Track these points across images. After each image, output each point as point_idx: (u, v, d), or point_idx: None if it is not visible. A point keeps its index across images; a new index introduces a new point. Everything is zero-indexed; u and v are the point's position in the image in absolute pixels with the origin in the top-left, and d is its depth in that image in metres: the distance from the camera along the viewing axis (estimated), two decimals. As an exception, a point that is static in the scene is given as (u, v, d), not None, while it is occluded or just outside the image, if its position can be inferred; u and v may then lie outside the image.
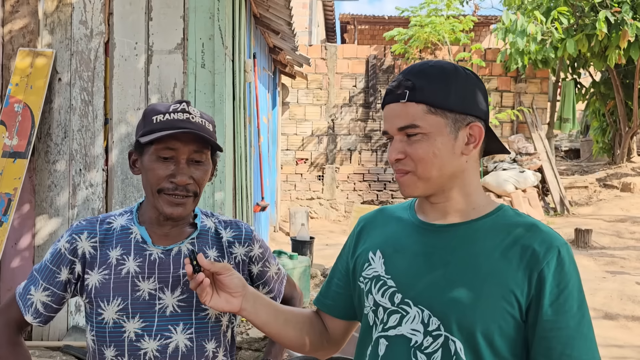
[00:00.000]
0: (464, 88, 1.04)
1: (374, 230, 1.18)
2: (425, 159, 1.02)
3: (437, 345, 1.01)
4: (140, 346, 1.26)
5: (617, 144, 11.54)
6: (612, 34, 8.94)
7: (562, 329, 0.96)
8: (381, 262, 1.11)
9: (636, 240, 7.35)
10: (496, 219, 1.05)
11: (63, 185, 3.60)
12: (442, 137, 1.02)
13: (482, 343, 0.98)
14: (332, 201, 10.45)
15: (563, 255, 0.99)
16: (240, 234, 1.41)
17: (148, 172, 1.27)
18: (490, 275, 0.99)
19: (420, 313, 1.03)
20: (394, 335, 1.05)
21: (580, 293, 0.99)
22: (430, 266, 1.04)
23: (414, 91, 1.02)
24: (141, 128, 1.29)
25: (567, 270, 0.98)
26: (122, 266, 1.29)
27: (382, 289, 1.09)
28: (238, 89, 4.10)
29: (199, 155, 1.29)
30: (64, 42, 3.62)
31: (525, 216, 1.07)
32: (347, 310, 1.21)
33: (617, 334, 4.49)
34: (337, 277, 1.24)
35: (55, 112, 3.61)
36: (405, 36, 10.04)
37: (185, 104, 1.30)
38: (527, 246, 1.00)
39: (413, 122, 1.02)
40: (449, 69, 1.05)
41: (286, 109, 10.33)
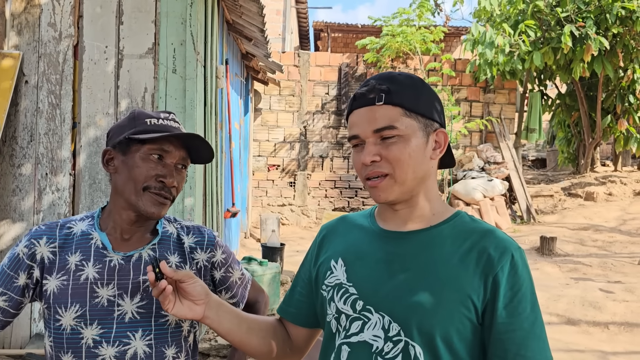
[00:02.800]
0: (430, 97, 1.09)
1: (336, 239, 1.20)
2: (402, 160, 1.04)
3: (398, 351, 1.03)
4: (98, 352, 1.25)
5: (581, 154, 11.87)
6: (576, 48, 9.22)
7: (516, 331, 0.99)
8: (343, 270, 1.12)
9: (598, 248, 7.56)
10: (454, 226, 1.09)
11: (28, 189, 3.54)
12: (416, 139, 1.05)
13: (441, 347, 1.01)
14: (304, 208, 10.47)
15: (516, 259, 1.02)
16: (202, 239, 1.41)
17: (134, 169, 1.27)
18: (449, 281, 1.02)
19: (381, 319, 1.05)
20: (356, 341, 1.07)
21: (532, 295, 1.02)
22: (391, 273, 1.06)
23: (390, 94, 1.04)
24: (130, 128, 1.30)
25: (520, 274, 1.02)
26: (81, 272, 1.28)
27: (344, 296, 1.10)
28: (209, 95, 4.10)
29: (184, 161, 1.33)
30: (31, 44, 3.56)
31: (480, 222, 1.11)
32: (310, 318, 1.23)
33: (579, 339, 4.62)
34: (300, 285, 1.25)
35: (21, 114, 3.54)
36: (377, 45, 10.16)
37: (174, 115, 1.34)
38: (483, 251, 1.03)
39: (391, 124, 1.03)
40: (417, 79, 1.10)
41: (258, 115, 10.32)
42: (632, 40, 9.38)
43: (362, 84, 1.10)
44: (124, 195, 1.29)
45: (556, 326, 4.89)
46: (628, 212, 9.08)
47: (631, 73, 9.91)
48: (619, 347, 4.42)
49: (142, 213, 1.28)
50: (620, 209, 9.27)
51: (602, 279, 6.13)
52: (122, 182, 1.29)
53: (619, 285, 5.78)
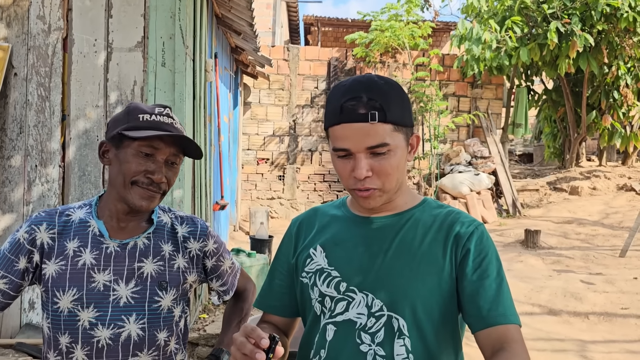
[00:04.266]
0: (409, 104, 1.15)
1: (311, 229, 1.27)
2: (391, 174, 1.11)
3: (380, 325, 1.11)
4: (94, 334, 1.31)
5: (566, 149, 12.03)
6: (562, 44, 9.34)
7: (487, 291, 1.09)
8: (323, 256, 1.19)
9: (581, 241, 7.71)
10: (423, 210, 1.20)
11: (17, 181, 3.57)
12: (402, 151, 1.12)
13: (422, 318, 1.10)
14: (293, 201, 10.53)
15: (482, 230, 1.15)
16: (195, 229, 1.47)
17: (124, 164, 1.32)
18: (424, 257, 1.12)
19: (365, 298, 1.13)
20: (341, 320, 1.14)
21: (498, 261, 1.13)
22: (371, 255, 1.15)
23: (382, 112, 1.07)
24: (123, 122, 1.34)
25: (485, 243, 1.13)
26: (78, 258, 1.33)
27: (326, 280, 1.17)
28: (198, 88, 4.14)
29: (175, 158, 1.37)
30: (20, 36, 3.58)
31: (446, 205, 1.23)
32: (293, 308, 1.28)
33: (560, 328, 4.74)
34: (279, 277, 1.29)
35: (10, 107, 3.57)
36: (366, 40, 10.22)
37: (169, 109, 1.37)
38: (451, 227, 1.15)
39: (384, 141, 1.08)
40: (397, 87, 1.12)
41: (248, 109, 10.35)
42: (617, 37, 9.52)
43: (347, 94, 1.09)
44: (116, 188, 1.35)
45: (538, 316, 5.00)
46: (611, 206, 9.24)
47: (615, 69, 10.05)
48: (598, 337, 4.55)
49: (131, 205, 1.34)
50: (603, 203, 9.44)
51: (584, 271, 6.27)
52: (114, 175, 1.35)
53: (599, 277, 5.91)
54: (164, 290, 1.37)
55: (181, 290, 1.42)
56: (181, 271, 1.42)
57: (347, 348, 1.13)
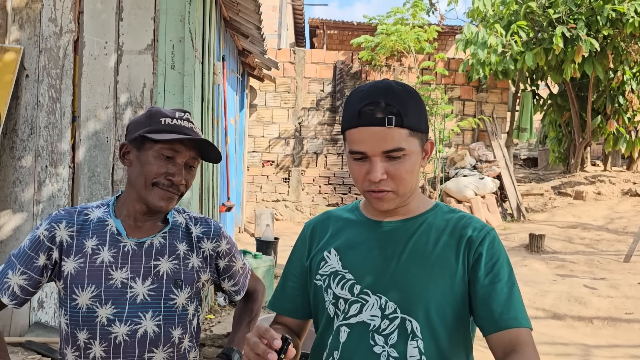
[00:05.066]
0: (423, 110, 1.17)
1: (325, 232, 1.29)
2: (405, 178, 1.14)
3: (394, 327, 1.13)
4: (112, 330, 1.34)
5: (571, 153, 12.02)
6: (568, 49, 9.35)
7: (499, 294, 1.11)
8: (337, 259, 1.21)
9: (586, 246, 7.71)
10: (435, 214, 1.22)
11: (28, 181, 3.61)
12: (417, 156, 1.15)
13: (435, 320, 1.12)
14: (298, 203, 10.56)
15: (493, 235, 1.18)
16: (209, 230, 1.51)
17: (146, 166, 1.36)
18: (438, 260, 1.15)
19: (378, 300, 1.15)
20: (355, 322, 1.16)
21: (509, 266, 1.15)
22: (385, 258, 1.17)
23: (399, 117, 1.09)
24: (145, 125, 1.38)
25: (497, 247, 1.16)
26: (97, 255, 1.37)
27: (340, 282, 1.19)
28: (207, 91, 4.18)
29: (194, 161, 1.41)
30: (32, 38, 3.63)
31: (457, 210, 1.25)
32: (305, 309, 1.31)
33: (564, 332, 4.75)
34: (292, 280, 1.32)
35: (21, 108, 3.62)
36: (372, 43, 10.25)
37: (189, 114, 1.42)
38: (464, 231, 1.17)
39: (399, 146, 1.10)
40: (414, 93, 1.15)
41: (254, 111, 10.40)
42: (622, 42, 9.53)
43: (366, 99, 1.11)
44: (136, 188, 1.39)
45: (542, 320, 5.02)
46: (616, 211, 9.24)
47: (621, 74, 10.06)
48: (601, 341, 4.56)
49: (150, 206, 1.38)
50: (608, 208, 9.43)
51: (588, 276, 6.27)
52: (135, 176, 1.39)
53: (604, 281, 5.92)
54: (179, 288, 1.41)
55: (195, 289, 1.46)
56: (195, 270, 1.45)
57: (360, 349, 1.15)
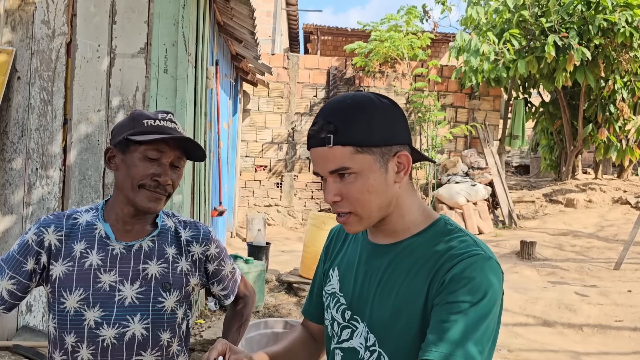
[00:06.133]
0: (384, 120, 1.04)
1: (337, 246, 1.26)
2: (361, 199, 1.03)
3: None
4: (99, 333, 1.34)
5: (563, 161, 12.11)
6: (559, 57, 9.43)
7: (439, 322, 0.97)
8: (337, 280, 1.19)
9: (576, 253, 7.75)
10: (425, 238, 1.08)
11: (18, 183, 3.59)
12: (373, 173, 1.03)
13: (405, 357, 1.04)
14: (290, 208, 10.55)
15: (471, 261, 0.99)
16: (198, 234, 1.51)
17: (132, 168, 1.36)
18: (408, 294, 1.03)
19: (364, 329, 1.11)
20: (347, 347, 1.14)
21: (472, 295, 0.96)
22: (369, 285, 1.11)
23: (337, 135, 1.01)
24: (129, 128, 1.38)
25: (468, 273, 0.98)
26: (85, 259, 1.37)
27: (336, 305, 1.17)
28: (200, 95, 4.18)
29: (179, 161, 1.41)
30: (24, 40, 3.61)
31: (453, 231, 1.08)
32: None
33: (554, 340, 4.76)
34: (317, 287, 1.31)
35: (13, 110, 3.60)
36: (365, 50, 10.30)
37: (171, 115, 1.42)
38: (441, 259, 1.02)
39: (342, 165, 1.02)
40: (367, 104, 1.04)
41: (247, 116, 10.39)
42: (613, 51, 9.63)
43: (314, 120, 1.07)
44: (123, 192, 1.39)
45: (532, 327, 5.03)
46: (606, 219, 9.30)
47: (612, 83, 10.15)
48: (591, 348, 4.58)
49: (139, 208, 1.38)
50: (599, 216, 9.49)
51: (579, 283, 6.30)
52: (122, 179, 1.39)
53: (594, 289, 5.95)
54: (168, 291, 1.41)
55: (184, 293, 1.45)
56: (184, 274, 1.45)
57: None
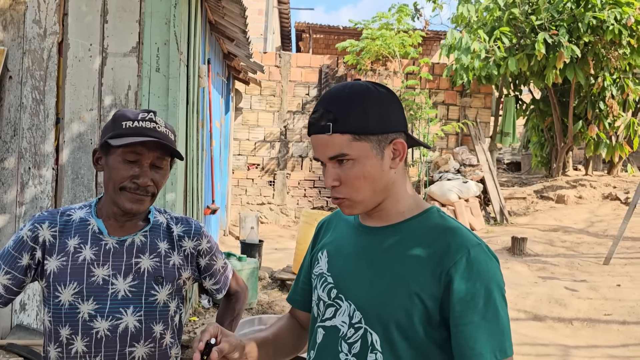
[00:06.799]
0: (380, 109, 1.10)
1: (327, 232, 1.32)
2: (357, 184, 1.10)
3: (357, 337, 1.13)
4: (93, 326, 1.37)
5: (553, 158, 12.20)
6: (549, 55, 9.51)
7: (467, 324, 1.04)
8: (325, 261, 1.24)
9: (567, 249, 7.83)
10: (420, 222, 1.15)
11: (11, 182, 3.60)
12: (369, 159, 1.09)
13: (395, 335, 1.09)
14: (283, 206, 10.58)
15: (473, 255, 1.06)
16: (190, 229, 1.54)
17: (112, 170, 1.40)
18: (402, 277, 1.09)
19: (348, 307, 1.15)
20: (329, 325, 1.19)
21: (487, 291, 1.05)
22: (359, 266, 1.16)
23: (336, 123, 1.08)
24: (110, 130, 1.41)
25: (475, 270, 1.05)
26: (79, 254, 1.40)
27: (323, 285, 1.22)
28: (192, 94, 4.20)
29: (160, 161, 1.43)
30: (16, 40, 3.62)
31: (448, 219, 1.15)
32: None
33: (544, 334, 4.83)
34: (303, 274, 1.37)
35: (4, 109, 3.60)
36: (357, 48, 10.33)
37: (153, 114, 1.43)
38: (440, 247, 1.08)
39: (341, 152, 1.09)
40: (364, 94, 1.10)
41: (239, 115, 10.41)
42: (603, 48, 9.71)
43: (314, 108, 1.14)
44: (108, 193, 1.43)
45: (523, 322, 5.09)
46: (596, 215, 9.40)
47: (601, 80, 10.24)
48: (580, 342, 4.64)
49: (122, 209, 1.41)
50: (589, 212, 9.59)
51: (569, 278, 6.38)
52: (106, 181, 1.43)
53: (584, 283, 6.02)
54: (160, 284, 1.44)
55: (176, 286, 1.48)
56: (176, 267, 1.48)
57: (329, 353, 1.17)
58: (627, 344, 4.58)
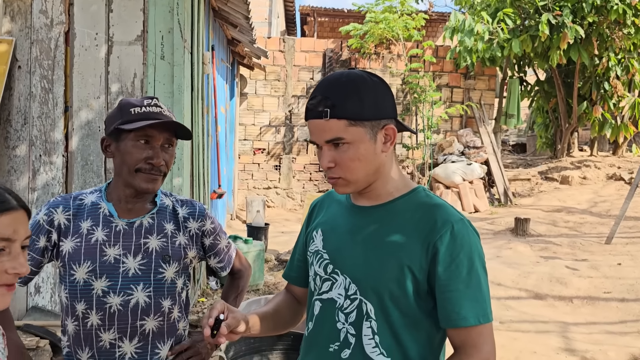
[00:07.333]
0: (375, 96, 1.20)
1: (321, 212, 1.41)
2: (352, 166, 1.20)
3: (353, 307, 1.24)
4: (106, 301, 1.49)
5: (558, 139, 12.21)
6: (553, 36, 9.48)
7: (452, 291, 1.16)
8: (320, 239, 1.35)
9: (569, 229, 7.90)
10: (408, 200, 1.26)
11: (23, 170, 3.71)
12: (364, 143, 1.19)
13: (389, 305, 1.20)
14: (289, 190, 10.69)
15: (456, 230, 1.18)
16: (194, 210, 1.65)
17: (126, 155, 1.50)
18: (393, 251, 1.21)
19: (344, 280, 1.26)
20: (326, 298, 1.29)
21: (470, 261, 1.17)
22: (353, 242, 1.27)
23: (334, 109, 1.17)
24: (118, 118, 1.52)
25: (459, 242, 1.17)
26: (91, 235, 1.52)
27: (319, 261, 1.33)
28: (196, 81, 4.28)
29: (169, 141, 1.55)
30: (24, 30, 3.71)
31: (433, 197, 1.27)
32: (307, 278, 1.42)
33: (544, 311, 4.93)
34: (298, 252, 1.47)
35: (15, 99, 3.71)
36: (360, 31, 10.33)
37: (156, 99, 1.55)
38: (427, 222, 1.20)
39: (337, 136, 1.18)
40: (360, 82, 1.20)
41: (244, 100, 10.48)
42: (607, 29, 9.67)
43: (312, 94, 1.22)
44: (122, 176, 1.53)
45: (524, 300, 5.20)
46: (600, 195, 9.44)
47: (606, 61, 10.21)
48: (580, 319, 4.75)
49: (138, 190, 1.52)
50: (593, 192, 9.63)
51: (570, 258, 6.46)
52: (119, 166, 1.53)
53: (585, 262, 6.11)
54: (167, 263, 1.55)
55: (182, 264, 1.59)
56: (182, 247, 1.59)
57: (327, 324, 1.28)
58: (625, 320, 4.68)
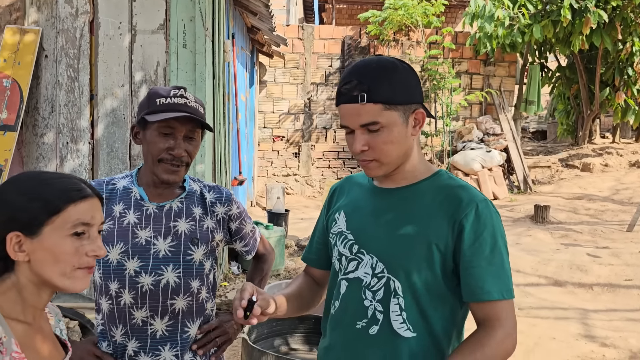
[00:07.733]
0: (406, 82, 1.26)
1: (342, 195, 1.46)
2: (385, 149, 1.25)
3: (381, 285, 1.29)
4: (138, 281, 1.56)
5: (579, 126, 12.05)
6: (576, 21, 9.31)
7: (475, 267, 1.22)
8: (344, 221, 1.39)
9: (590, 216, 7.84)
10: (432, 182, 1.32)
11: (51, 157, 3.82)
12: (397, 127, 1.24)
13: (417, 282, 1.26)
14: (308, 178, 10.75)
15: (481, 209, 1.24)
16: (221, 196, 1.71)
17: (150, 144, 1.56)
18: (420, 230, 1.26)
19: (370, 260, 1.30)
20: (352, 277, 1.34)
21: (493, 239, 1.23)
22: (378, 223, 1.32)
23: (370, 93, 1.21)
24: (145, 107, 1.58)
25: (483, 221, 1.23)
26: (124, 218, 1.59)
27: (344, 242, 1.37)
28: (217, 68, 4.34)
29: (192, 133, 1.59)
30: (50, 20, 3.79)
31: (456, 179, 1.33)
32: (327, 261, 1.48)
33: (564, 298, 4.93)
34: (317, 235, 1.52)
35: (42, 87, 3.80)
36: (379, 18, 10.28)
37: (183, 90, 1.59)
38: (452, 203, 1.26)
39: (373, 120, 1.22)
40: (389, 68, 1.25)
41: (264, 88, 10.52)
42: (631, 13, 9.47)
43: (344, 79, 1.26)
44: (147, 164, 1.60)
45: (544, 287, 5.20)
46: (622, 182, 9.33)
47: (630, 46, 10.01)
48: (600, 306, 4.74)
49: (160, 179, 1.58)
50: (614, 179, 9.52)
51: (591, 245, 6.43)
52: (145, 154, 1.60)
53: (606, 250, 6.07)
54: (196, 245, 1.61)
55: (210, 247, 1.66)
56: (210, 230, 1.65)
57: (354, 302, 1.32)
58: (646, 307, 4.66)
